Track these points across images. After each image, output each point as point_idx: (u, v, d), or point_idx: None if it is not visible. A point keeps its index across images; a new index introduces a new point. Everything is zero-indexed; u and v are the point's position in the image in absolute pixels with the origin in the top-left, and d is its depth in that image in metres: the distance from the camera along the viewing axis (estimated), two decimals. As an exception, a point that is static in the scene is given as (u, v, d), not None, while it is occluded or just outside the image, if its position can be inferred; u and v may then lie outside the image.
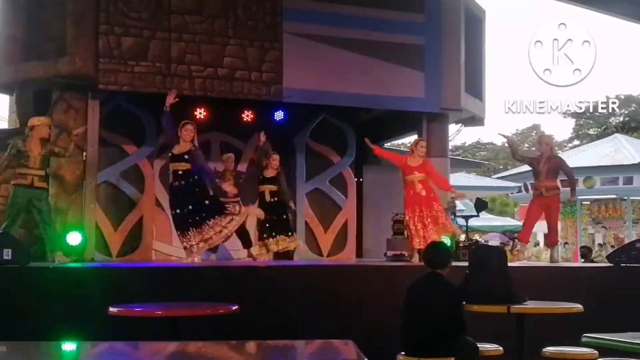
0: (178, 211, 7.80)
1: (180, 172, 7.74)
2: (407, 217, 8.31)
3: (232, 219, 7.87)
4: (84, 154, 8.49)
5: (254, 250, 8.98)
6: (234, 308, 4.75)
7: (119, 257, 9.49)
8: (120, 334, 4.31)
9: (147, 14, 8.59)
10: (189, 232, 7.72)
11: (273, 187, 8.85)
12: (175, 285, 6.30)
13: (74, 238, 7.66)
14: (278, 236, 8.82)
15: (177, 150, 7.76)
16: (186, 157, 7.75)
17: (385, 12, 9.61)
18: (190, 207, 7.77)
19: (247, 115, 10.32)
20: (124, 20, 8.48)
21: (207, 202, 7.84)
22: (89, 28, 8.37)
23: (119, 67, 8.41)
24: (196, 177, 7.82)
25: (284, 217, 8.97)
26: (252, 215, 8.81)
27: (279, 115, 10.47)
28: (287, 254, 9.20)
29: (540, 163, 8.75)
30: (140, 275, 6.51)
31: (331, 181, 11.00)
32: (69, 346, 3.13)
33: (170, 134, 7.84)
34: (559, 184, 8.77)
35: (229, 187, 8.79)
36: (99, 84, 8.37)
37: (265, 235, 8.87)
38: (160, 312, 4.81)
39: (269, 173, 8.87)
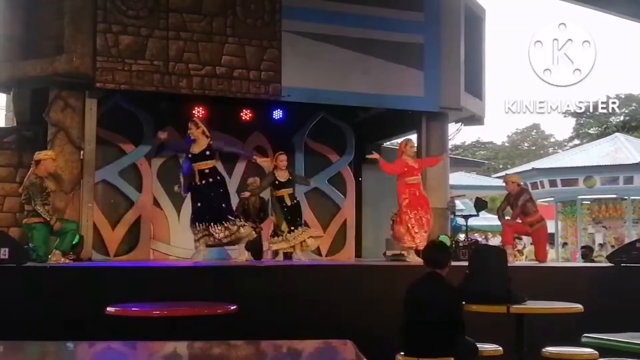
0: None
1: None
2: (406, 217, 8.22)
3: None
4: (82, 152, 8.45)
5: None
6: (232, 308, 4.73)
7: (117, 256, 9.47)
8: (118, 334, 4.28)
9: (145, 12, 8.56)
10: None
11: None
12: (173, 285, 6.27)
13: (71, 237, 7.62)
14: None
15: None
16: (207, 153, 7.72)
17: (384, 11, 9.58)
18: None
19: (246, 114, 10.29)
20: (122, 19, 8.45)
21: None
22: (87, 26, 8.34)
23: (116, 65, 8.38)
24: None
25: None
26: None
27: (277, 114, 10.45)
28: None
29: (515, 199, 8.66)
30: (138, 275, 6.47)
31: (330, 180, 10.98)
32: (66, 346, 3.10)
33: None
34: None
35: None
36: (97, 83, 8.34)
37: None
38: (158, 312, 4.78)
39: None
